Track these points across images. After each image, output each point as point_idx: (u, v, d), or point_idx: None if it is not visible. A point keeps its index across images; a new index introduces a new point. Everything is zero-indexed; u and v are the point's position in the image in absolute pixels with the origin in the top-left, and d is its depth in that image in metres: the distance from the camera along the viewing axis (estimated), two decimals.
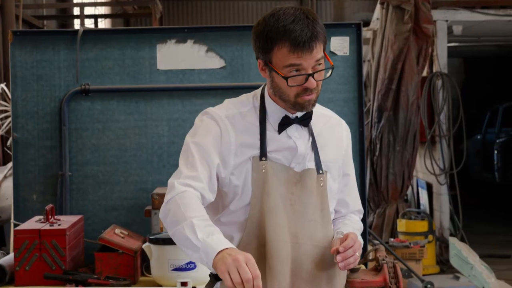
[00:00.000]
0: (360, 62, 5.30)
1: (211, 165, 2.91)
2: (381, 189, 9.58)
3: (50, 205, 4.68)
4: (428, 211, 10.18)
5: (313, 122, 3.02)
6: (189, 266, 4.16)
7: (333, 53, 5.29)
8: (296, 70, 2.84)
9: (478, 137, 15.60)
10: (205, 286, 2.87)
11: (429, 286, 7.44)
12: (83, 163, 5.26)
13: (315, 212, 2.97)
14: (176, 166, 5.27)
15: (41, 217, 4.66)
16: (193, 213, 2.74)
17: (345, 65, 5.29)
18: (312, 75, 2.84)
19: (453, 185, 10.25)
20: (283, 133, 2.97)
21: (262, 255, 2.90)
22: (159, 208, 4.72)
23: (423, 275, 8.17)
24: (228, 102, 3.08)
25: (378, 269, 4.27)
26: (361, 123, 5.30)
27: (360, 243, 2.87)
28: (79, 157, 5.25)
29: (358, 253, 2.85)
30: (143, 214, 4.93)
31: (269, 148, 2.94)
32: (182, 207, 2.77)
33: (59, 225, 4.49)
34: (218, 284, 2.88)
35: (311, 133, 3.02)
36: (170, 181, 2.90)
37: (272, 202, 2.92)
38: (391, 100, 9.53)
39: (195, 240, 2.67)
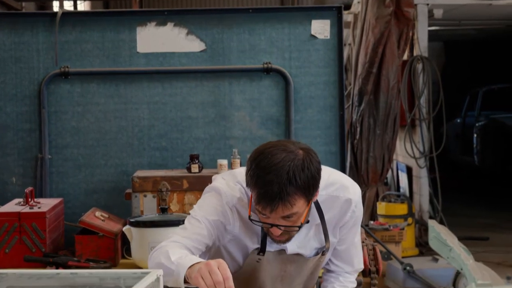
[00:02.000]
0: (341, 45, 5.30)
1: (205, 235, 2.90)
2: (361, 172, 9.61)
3: (30, 188, 4.67)
4: (407, 194, 10.23)
5: (327, 219, 2.98)
6: None
7: (313, 37, 5.29)
8: (263, 215, 2.77)
9: (458, 120, 15.66)
10: None
11: (408, 268, 7.49)
12: (62, 146, 5.24)
13: (306, 276, 3.08)
14: (156, 149, 5.28)
15: (21, 200, 4.65)
16: (172, 250, 2.77)
17: (325, 49, 5.30)
18: (276, 226, 2.77)
19: (432, 168, 10.29)
20: None
21: None
22: (139, 191, 4.73)
23: (403, 257, 8.22)
24: (239, 181, 2.95)
25: None
26: (342, 106, 5.31)
27: None
28: (58, 140, 5.24)
29: None
30: (123, 197, 4.93)
31: (268, 243, 2.94)
32: (163, 249, 2.79)
33: (39, 208, 4.48)
34: None
35: (321, 219, 2.97)
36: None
37: (260, 283, 3.00)
38: (372, 84, 9.54)
39: (169, 263, 2.69)
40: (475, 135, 14.53)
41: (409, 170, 10.74)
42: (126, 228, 4.30)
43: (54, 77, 5.22)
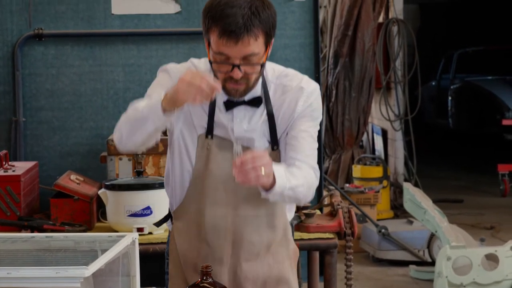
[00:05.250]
0: (316, 7, 5.28)
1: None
2: (336, 135, 9.64)
3: (4, 151, 4.64)
4: (383, 157, 10.28)
5: (273, 101, 2.97)
6: (145, 212, 4.16)
7: None
8: (225, 58, 2.79)
9: (433, 83, 15.71)
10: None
11: (383, 230, 7.55)
12: (37, 109, 5.20)
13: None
14: None
15: None
16: (135, 105, 2.87)
17: (301, 11, 5.28)
18: (237, 66, 2.79)
19: (407, 131, 10.34)
20: (229, 112, 2.95)
21: (201, 227, 2.98)
22: (115, 154, 4.71)
23: (378, 220, 8.28)
24: (192, 61, 3.06)
25: (333, 214, 4.32)
26: (317, 69, 5.31)
27: (268, 161, 2.71)
28: (33, 103, 5.20)
29: (265, 170, 2.69)
30: (98, 160, 4.91)
31: (216, 125, 2.94)
32: (126, 113, 2.89)
33: (13, 171, 4.46)
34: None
35: (268, 111, 2.96)
36: None
37: (213, 181, 2.94)
38: (347, 46, 9.53)
39: (141, 109, 2.79)
40: (449, 98, 14.60)
41: (384, 133, 10.79)
42: (101, 192, 4.29)
43: (28, 39, 5.16)
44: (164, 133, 3.23)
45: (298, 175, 2.87)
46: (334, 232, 4.19)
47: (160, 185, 4.08)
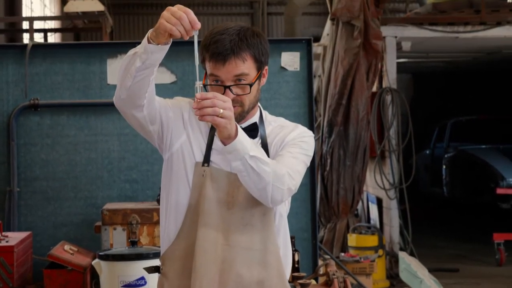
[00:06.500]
0: (311, 77, 5.33)
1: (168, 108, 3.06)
2: (331, 204, 9.62)
3: None
4: (378, 225, 10.24)
5: (269, 134, 3.08)
6: (139, 283, 4.13)
7: (283, 69, 5.31)
8: (217, 81, 2.96)
9: (427, 152, 15.75)
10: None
11: None
12: (31, 179, 5.20)
13: (254, 216, 3.00)
14: (126, 181, 5.26)
15: None
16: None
17: (295, 80, 5.32)
18: (228, 87, 2.94)
19: (402, 199, 10.33)
20: None
21: (191, 252, 2.99)
22: (109, 224, 4.70)
23: None
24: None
25: (328, 283, 4.29)
26: None
27: (230, 107, 2.78)
28: (27, 173, 5.20)
29: (224, 113, 2.74)
30: (93, 230, 4.89)
31: (213, 153, 3.00)
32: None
33: (6, 241, 4.43)
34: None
35: (264, 143, 3.04)
36: None
37: (207, 205, 2.99)
38: (342, 115, 9.59)
39: (131, 53, 2.88)
40: (444, 167, 14.62)
41: (379, 202, 10.77)
42: (95, 262, 4.26)
43: (24, 109, 5.19)
44: (158, 197, 3.22)
45: (267, 158, 2.90)
46: None
47: (155, 255, 4.06)
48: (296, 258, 4.43)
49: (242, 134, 2.82)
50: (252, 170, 2.83)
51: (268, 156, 3.01)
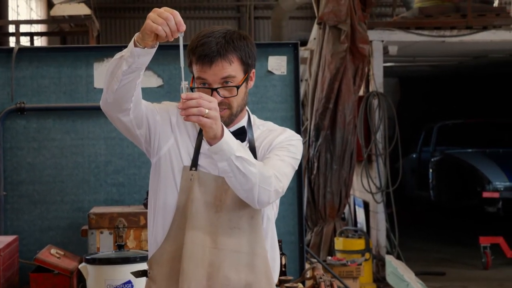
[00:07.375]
0: (298, 81, 5.34)
1: (154, 113, 3.08)
2: (318, 207, 9.63)
3: None
4: (365, 229, 10.26)
5: (257, 137, 3.09)
6: (126, 286, 4.12)
7: (270, 72, 5.32)
8: (204, 84, 2.97)
9: (414, 156, 15.79)
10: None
11: None
12: (18, 182, 5.18)
13: (242, 220, 3.01)
14: (113, 185, 5.24)
15: None
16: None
17: (282, 84, 5.33)
18: (215, 89, 2.95)
19: (389, 203, 10.36)
20: None
21: (179, 256, 3.00)
22: (96, 228, 4.69)
23: None
24: None
25: (315, 287, 4.30)
26: None
27: (215, 107, 2.77)
28: (14, 176, 5.18)
29: (210, 113, 2.74)
30: (79, 234, 4.88)
31: (201, 157, 3.02)
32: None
33: None
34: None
35: (252, 147, 3.06)
36: None
37: (195, 208, 2.99)
38: (329, 119, 9.60)
39: (118, 57, 2.89)
40: (430, 170, 14.66)
41: (366, 205, 10.79)
42: (82, 266, 4.25)
43: (10, 113, 5.17)
44: (145, 205, 3.22)
45: (254, 159, 2.89)
46: None
47: (142, 259, 4.05)
48: (283, 262, 4.43)
49: (228, 135, 2.82)
50: (238, 171, 2.83)
51: (256, 159, 3.02)
